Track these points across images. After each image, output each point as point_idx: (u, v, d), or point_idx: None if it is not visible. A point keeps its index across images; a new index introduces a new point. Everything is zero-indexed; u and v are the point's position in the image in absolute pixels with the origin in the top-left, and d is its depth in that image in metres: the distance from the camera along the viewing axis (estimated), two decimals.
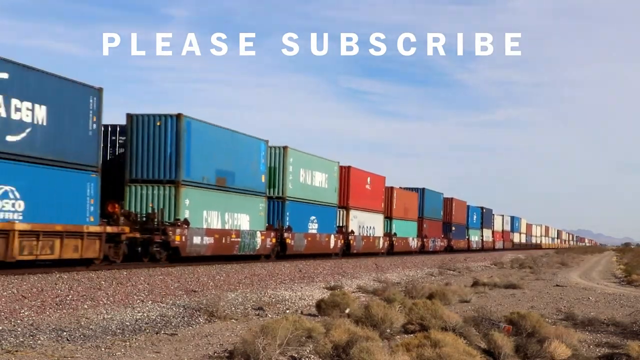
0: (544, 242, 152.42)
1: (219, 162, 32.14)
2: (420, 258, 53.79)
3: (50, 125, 22.05)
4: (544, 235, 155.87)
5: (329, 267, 35.15)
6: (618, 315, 19.16)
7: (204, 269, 27.35)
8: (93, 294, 17.90)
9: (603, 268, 55.59)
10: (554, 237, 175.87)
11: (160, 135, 29.16)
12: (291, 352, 11.51)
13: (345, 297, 17.70)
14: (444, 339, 10.74)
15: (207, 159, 31.10)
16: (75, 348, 12.02)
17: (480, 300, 22.70)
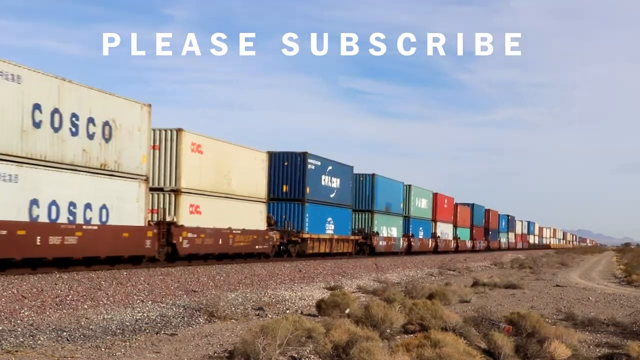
0: (552, 243, 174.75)
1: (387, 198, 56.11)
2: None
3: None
4: (552, 237, 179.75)
5: (329, 267, 35.15)
6: (618, 316, 19.15)
7: (204, 269, 27.34)
8: (93, 294, 17.90)
9: (603, 268, 55.58)
10: (560, 238, 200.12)
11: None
12: (291, 352, 11.51)
13: (345, 297, 17.70)
14: (444, 339, 10.74)
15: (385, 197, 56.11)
16: (75, 348, 12.01)
17: (480, 300, 22.70)
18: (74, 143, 22.81)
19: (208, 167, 31.25)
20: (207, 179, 31.23)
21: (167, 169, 29.14)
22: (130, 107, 25.85)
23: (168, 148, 29.17)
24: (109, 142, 24.41)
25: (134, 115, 25.95)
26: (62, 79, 22.48)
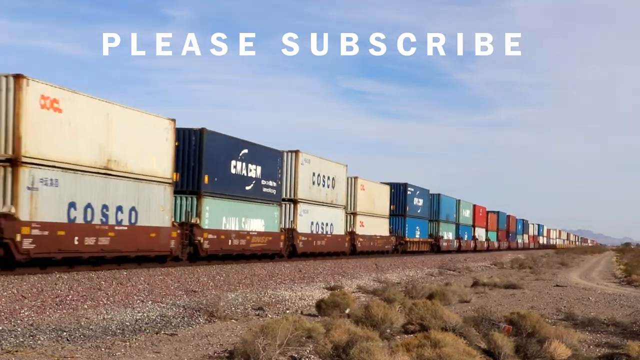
0: (558, 243, 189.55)
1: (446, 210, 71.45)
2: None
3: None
4: (557, 238, 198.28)
5: (329, 267, 35.15)
6: (618, 316, 19.16)
7: (204, 269, 27.34)
8: (93, 294, 17.89)
9: (603, 268, 55.59)
10: (564, 239, 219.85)
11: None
12: (291, 352, 11.51)
13: (345, 297, 17.70)
14: (444, 339, 10.74)
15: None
16: (75, 348, 12.02)
17: (480, 300, 22.70)
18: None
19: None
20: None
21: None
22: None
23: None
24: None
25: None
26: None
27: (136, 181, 25.62)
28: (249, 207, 33.95)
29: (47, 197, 21.39)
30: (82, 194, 22.99)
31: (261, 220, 34.94)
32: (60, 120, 22.08)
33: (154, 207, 26.69)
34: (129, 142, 25.16)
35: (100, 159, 23.85)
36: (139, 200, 25.78)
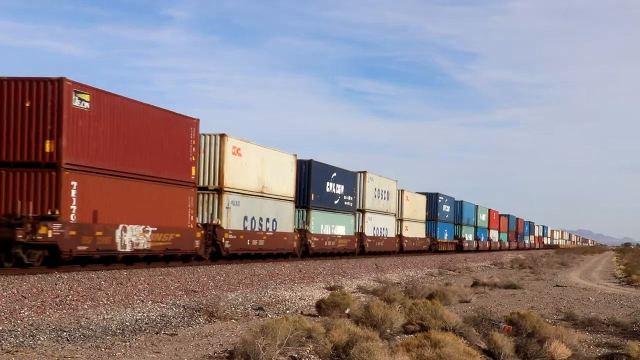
0: (561, 243, 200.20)
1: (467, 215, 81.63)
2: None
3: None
4: (560, 238, 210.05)
5: (329, 267, 35.16)
6: (618, 316, 19.15)
7: (204, 269, 27.33)
8: (93, 294, 17.89)
9: (603, 268, 55.58)
10: (566, 239, 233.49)
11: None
12: (291, 352, 11.51)
13: (345, 298, 17.70)
14: (444, 339, 10.74)
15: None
16: (75, 348, 12.02)
17: (480, 300, 22.69)
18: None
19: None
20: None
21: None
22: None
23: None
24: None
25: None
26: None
27: (276, 200, 36.09)
28: (336, 217, 44.63)
29: (234, 213, 32.03)
30: (250, 210, 33.59)
31: (343, 227, 45.96)
32: (241, 162, 32.62)
33: (285, 218, 37.20)
34: (272, 173, 35.65)
35: (259, 186, 34.36)
36: (277, 214, 36.22)
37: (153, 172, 26.27)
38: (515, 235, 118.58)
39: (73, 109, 22.28)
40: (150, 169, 26.17)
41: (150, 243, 25.94)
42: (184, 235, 28.10)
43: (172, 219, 27.43)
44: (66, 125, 22.04)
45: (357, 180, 48.29)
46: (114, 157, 24.19)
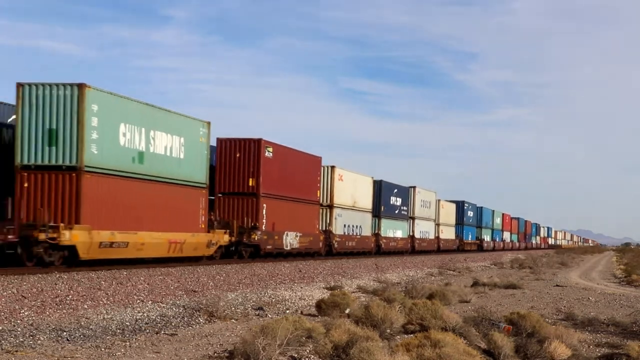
0: (563, 243, 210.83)
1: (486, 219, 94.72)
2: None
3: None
4: (563, 239, 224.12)
5: (329, 267, 35.17)
6: (618, 316, 19.15)
7: (204, 269, 27.33)
8: (93, 294, 17.89)
9: (603, 268, 55.59)
10: (568, 240, 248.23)
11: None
12: (291, 352, 11.51)
13: (345, 297, 17.70)
14: (444, 339, 10.74)
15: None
16: (75, 348, 12.02)
17: (480, 300, 22.70)
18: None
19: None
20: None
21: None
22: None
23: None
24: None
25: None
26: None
27: (361, 212, 49.63)
28: (397, 223, 59.07)
29: (339, 222, 45.49)
30: (347, 220, 47.00)
31: (400, 231, 59.87)
32: (342, 185, 46.20)
33: (366, 225, 50.88)
34: (359, 191, 49.21)
35: (352, 202, 47.94)
36: (362, 222, 49.89)
37: (299, 195, 39.25)
38: (524, 236, 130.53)
39: (265, 158, 35.05)
40: (297, 193, 39.04)
41: (298, 244, 39.05)
42: (315, 238, 41.75)
43: (308, 227, 40.94)
44: (262, 168, 34.82)
45: (409, 193, 62.45)
46: (281, 186, 36.78)
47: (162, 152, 27.14)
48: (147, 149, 26.12)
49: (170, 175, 27.75)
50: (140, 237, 25.75)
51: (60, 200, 22.94)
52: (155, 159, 26.66)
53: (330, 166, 44.56)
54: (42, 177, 23.04)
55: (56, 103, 23.13)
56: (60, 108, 23.11)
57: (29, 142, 23.11)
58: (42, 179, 23.04)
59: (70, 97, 23.12)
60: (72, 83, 23.19)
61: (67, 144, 23.07)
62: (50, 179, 23.04)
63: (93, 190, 23.52)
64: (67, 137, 23.06)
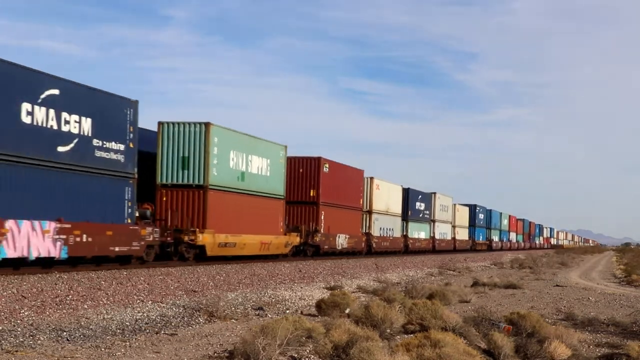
0: (565, 243, 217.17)
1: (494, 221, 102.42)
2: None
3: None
4: (564, 239, 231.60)
5: (329, 267, 35.17)
6: (618, 316, 19.15)
7: (204, 269, 27.34)
8: (93, 294, 17.89)
9: (603, 268, 55.59)
10: (570, 240, 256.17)
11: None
12: (291, 352, 11.51)
13: (345, 297, 17.70)
14: (444, 339, 10.74)
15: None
16: (75, 348, 12.01)
17: (480, 300, 22.69)
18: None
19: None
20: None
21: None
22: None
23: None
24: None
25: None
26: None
27: (392, 217, 57.40)
28: (421, 225, 66.82)
29: (376, 225, 53.26)
30: (383, 223, 54.93)
31: (423, 232, 67.85)
32: (379, 193, 53.86)
33: (397, 228, 58.70)
34: (391, 198, 57.06)
35: (386, 208, 55.75)
36: (393, 225, 57.63)
37: (347, 203, 46.70)
38: (528, 237, 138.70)
39: (323, 173, 42.36)
40: (346, 201, 46.56)
41: (347, 244, 46.34)
42: (358, 239, 49.17)
43: (354, 230, 48.57)
44: (321, 181, 42.05)
45: (431, 199, 69.74)
46: (335, 196, 44.01)
47: (256, 171, 34.67)
48: (246, 169, 33.62)
49: (261, 189, 35.11)
50: (243, 238, 33.09)
51: (191, 211, 29.87)
52: (252, 177, 34.15)
53: (370, 177, 52.48)
54: (176, 193, 30.00)
55: (188, 137, 30.19)
56: (191, 141, 30.18)
57: (167, 166, 30.13)
58: (176, 194, 29.98)
59: (198, 132, 30.21)
60: (200, 122, 30.28)
61: (196, 168, 30.12)
62: (183, 194, 30.02)
63: (214, 203, 30.49)
64: (196, 163, 30.11)
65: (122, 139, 25.38)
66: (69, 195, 22.95)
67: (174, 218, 29.34)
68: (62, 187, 22.75)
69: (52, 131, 22.13)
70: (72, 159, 22.93)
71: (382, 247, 54.55)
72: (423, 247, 66.48)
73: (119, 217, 25.22)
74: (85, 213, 23.39)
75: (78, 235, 22.66)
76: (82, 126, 23.45)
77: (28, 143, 21.26)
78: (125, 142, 25.66)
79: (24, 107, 21.12)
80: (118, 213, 25.18)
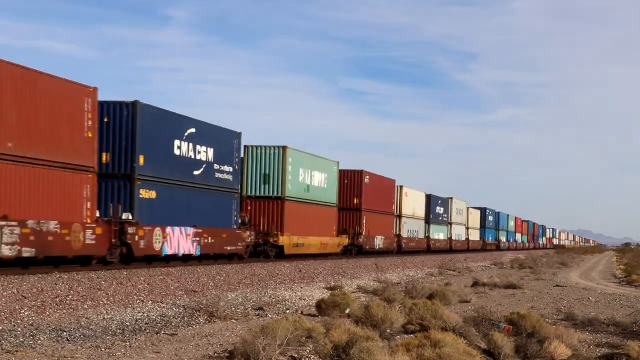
0: (566, 244, 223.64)
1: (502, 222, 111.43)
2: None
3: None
4: (566, 239, 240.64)
5: (329, 267, 35.18)
6: (618, 315, 19.15)
7: (204, 269, 27.36)
8: (93, 294, 17.90)
9: (603, 268, 55.60)
10: (571, 240, 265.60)
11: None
12: (291, 352, 11.51)
13: (345, 297, 17.70)
14: (444, 339, 10.74)
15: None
16: (75, 348, 12.01)
17: (480, 300, 22.70)
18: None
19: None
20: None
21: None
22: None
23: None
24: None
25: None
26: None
27: (417, 220, 65.70)
28: (440, 227, 74.48)
29: (405, 227, 61.57)
30: (410, 226, 63.28)
31: (442, 233, 75.31)
32: (407, 199, 62.23)
33: (421, 230, 66.59)
34: (416, 203, 65.32)
35: (413, 212, 63.70)
36: (418, 227, 65.18)
37: (382, 208, 54.84)
38: (532, 237, 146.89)
39: (364, 184, 50.32)
40: (382, 207, 54.70)
41: (382, 244, 54.27)
42: (391, 241, 56.95)
43: (388, 232, 56.52)
44: (363, 191, 50.22)
45: (448, 203, 77.68)
46: (373, 203, 52.08)
47: (317, 184, 42.65)
48: (310, 182, 41.48)
49: (320, 199, 43.28)
50: (309, 240, 41.04)
51: (270, 217, 37.67)
52: (314, 189, 42.10)
53: (400, 186, 60.52)
54: (259, 203, 37.79)
55: (268, 157, 38.04)
56: (271, 161, 38.05)
57: (251, 181, 37.81)
58: (259, 204, 37.78)
59: (277, 154, 38.15)
60: (278, 145, 38.33)
61: (275, 183, 37.97)
62: (264, 204, 37.82)
63: (289, 211, 38.35)
64: (275, 179, 37.96)
65: (231, 162, 33.39)
66: (199, 207, 30.56)
67: (262, 223, 37.30)
68: (196, 201, 30.44)
69: (191, 159, 30.09)
70: (202, 179, 30.87)
71: (410, 247, 62.29)
72: (442, 247, 73.94)
73: (229, 223, 33.25)
74: (209, 220, 31.22)
75: (206, 238, 30.61)
76: (208, 154, 31.28)
77: (177, 169, 29.11)
78: (233, 165, 33.65)
79: (175, 142, 28.94)
80: (228, 220, 33.13)
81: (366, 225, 50.52)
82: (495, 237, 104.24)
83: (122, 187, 26.23)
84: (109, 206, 25.24)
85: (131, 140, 26.26)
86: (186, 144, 29.40)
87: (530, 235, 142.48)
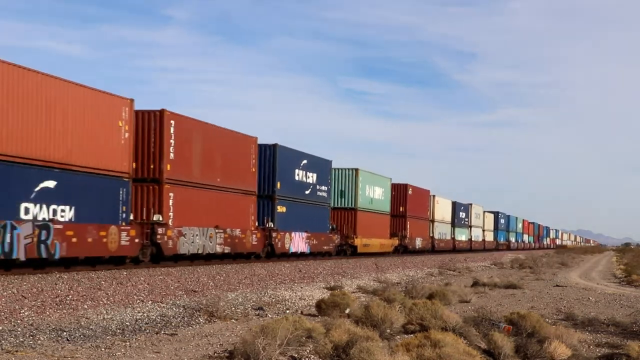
0: (568, 244, 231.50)
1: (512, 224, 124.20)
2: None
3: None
4: (568, 239, 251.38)
5: (329, 267, 35.17)
6: (618, 316, 19.14)
7: (204, 269, 27.36)
8: (93, 294, 17.90)
9: (603, 268, 55.57)
10: (572, 240, 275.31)
11: None
12: (291, 352, 11.50)
13: (345, 297, 17.69)
14: (444, 339, 10.74)
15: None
16: (75, 348, 12.01)
17: (480, 300, 22.69)
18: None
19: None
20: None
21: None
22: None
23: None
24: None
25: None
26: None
27: (445, 224, 76.87)
28: (463, 230, 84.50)
29: (437, 230, 72.44)
30: (441, 229, 74.25)
31: (464, 235, 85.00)
32: (438, 206, 73.16)
33: (448, 232, 77.70)
34: (444, 210, 76.23)
35: (443, 217, 75.53)
36: (445, 230, 76.90)
37: (421, 214, 66.15)
38: (537, 238, 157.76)
39: (408, 195, 61.84)
40: (420, 213, 65.51)
41: (421, 245, 62.97)
42: (427, 242, 66.28)
43: (424, 234, 66.75)
44: (408, 201, 61.89)
45: (469, 208, 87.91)
46: (415, 210, 63.01)
47: (377, 197, 53.99)
48: (373, 196, 52.70)
49: (379, 208, 54.63)
50: (372, 241, 52.38)
51: (346, 223, 48.88)
52: (375, 201, 53.40)
53: (433, 195, 71.03)
54: (339, 213, 48.80)
55: (344, 178, 49.61)
56: (346, 180, 49.67)
57: (334, 196, 47.88)
58: (339, 214, 48.81)
59: (351, 175, 49.80)
60: (352, 168, 50.10)
61: (350, 197, 49.62)
62: (342, 213, 48.98)
63: (360, 219, 49.88)
64: (349, 194, 49.64)
65: (326, 183, 44.85)
66: (308, 217, 41.77)
67: (343, 229, 48.24)
68: (307, 213, 41.76)
69: (304, 183, 41.40)
70: (310, 197, 42.23)
71: (440, 247, 72.45)
72: (464, 247, 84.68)
73: (325, 229, 44.99)
74: (314, 227, 42.71)
75: (313, 240, 42.35)
76: (313, 178, 42.59)
77: (296, 190, 40.24)
78: (327, 185, 45.06)
79: (295, 171, 40.19)
80: (325, 226, 44.87)
81: (409, 229, 61.69)
82: (506, 238, 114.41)
83: (266, 204, 37.37)
84: (263, 219, 37.06)
85: (272, 171, 37.52)
86: (302, 172, 40.89)
87: (535, 236, 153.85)
